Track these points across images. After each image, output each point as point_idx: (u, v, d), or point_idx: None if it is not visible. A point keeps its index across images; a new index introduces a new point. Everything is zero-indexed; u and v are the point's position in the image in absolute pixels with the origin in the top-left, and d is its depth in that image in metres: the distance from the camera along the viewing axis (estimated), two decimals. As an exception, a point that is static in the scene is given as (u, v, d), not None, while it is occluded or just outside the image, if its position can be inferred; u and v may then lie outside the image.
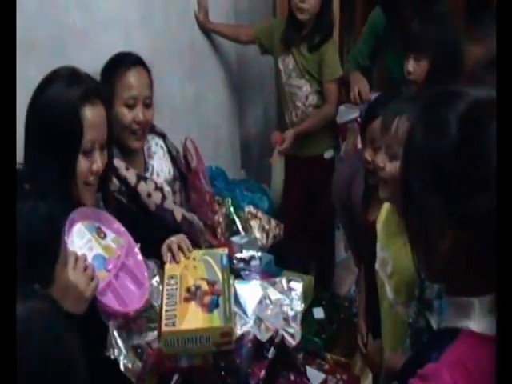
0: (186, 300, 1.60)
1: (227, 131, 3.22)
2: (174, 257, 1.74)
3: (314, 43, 2.77)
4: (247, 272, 2.04)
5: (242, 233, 2.26)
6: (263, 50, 3.00)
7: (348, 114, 2.97)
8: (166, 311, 1.57)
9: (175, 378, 1.58)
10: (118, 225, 1.63)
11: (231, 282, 1.71)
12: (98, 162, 1.54)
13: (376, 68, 2.94)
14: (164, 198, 2.03)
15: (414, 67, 2.26)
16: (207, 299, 1.60)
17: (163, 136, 2.21)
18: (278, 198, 2.92)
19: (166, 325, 1.52)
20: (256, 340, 1.59)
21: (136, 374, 1.48)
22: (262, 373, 1.52)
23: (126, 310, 1.51)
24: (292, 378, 1.64)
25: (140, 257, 1.64)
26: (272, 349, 1.55)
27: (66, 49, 2.06)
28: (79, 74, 1.56)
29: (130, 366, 1.48)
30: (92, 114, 1.51)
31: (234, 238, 2.18)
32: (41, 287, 1.14)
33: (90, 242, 1.51)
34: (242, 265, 2.04)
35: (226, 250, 1.81)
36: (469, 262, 0.89)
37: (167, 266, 1.72)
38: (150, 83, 2.04)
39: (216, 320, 1.54)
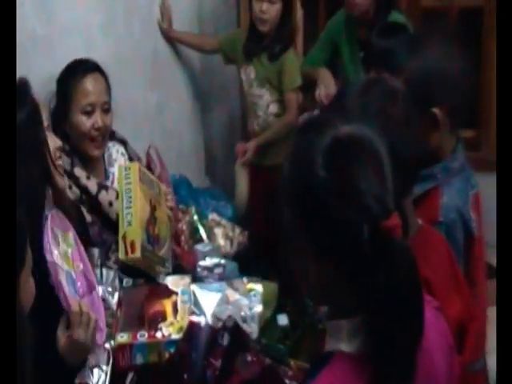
0: None
1: (191, 139, 3.22)
2: None
3: (274, 53, 2.80)
4: (211, 280, 2.04)
5: (206, 241, 2.26)
6: (227, 59, 3.01)
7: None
8: None
9: (130, 376, 1.58)
10: (62, 218, 1.61)
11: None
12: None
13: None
14: None
15: None
16: None
17: (124, 143, 2.20)
18: (243, 206, 2.93)
19: None
20: (210, 331, 1.60)
21: None
22: (218, 362, 1.51)
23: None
24: (249, 358, 1.63)
25: (84, 254, 1.65)
26: (226, 335, 1.55)
27: (26, 56, 2.03)
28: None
29: None
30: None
31: (198, 246, 2.17)
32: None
33: (59, 256, 1.50)
34: (205, 273, 2.04)
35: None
36: (335, 285, 0.91)
37: None
38: (108, 88, 2.04)
39: None
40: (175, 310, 1.67)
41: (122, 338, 1.58)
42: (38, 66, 2.01)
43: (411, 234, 1.16)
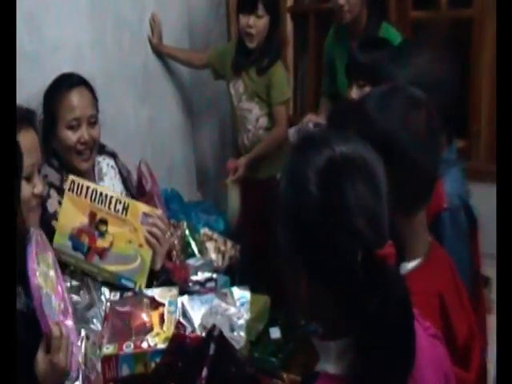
0: None
1: (182, 153, 3.22)
2: None
3: (261, 66, 2.80)
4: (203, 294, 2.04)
5: (198, 255, 2.25)
6: (216, 75, 3.02)
7: (296, 136, 3.01)
8: None
9: None
10: (41, 240, 1.58)
11: None
12: (38, 185, 1.56)
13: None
14: None
15: (357, 94, 2.25)
16: None
17: (114, 156, 2.20)
18: (234, 220, 2.92)
19: None
20: (196, 340, 1.59)
21: None
22: (204, 371, 1.50)
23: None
24: (233, 369, 1.62)
25: (59, 271, 1.63)
26: (212, 344, 1.54)
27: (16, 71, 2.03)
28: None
29: None
30: (27, 139, 1.52)
31: (190, 261, 2.17)
32: None
33: (39, 278, 1.46)
34: (197, 287, 2.03)
35: None
36: (325, 306, 0.91)
37: None
38: (94, 101, 2.04)
39: None
40: (162, 321, 1.66)
41: (108, 349, 1.57)
42: (26, 82, 2.01)
43: (424, 250, 1.16)
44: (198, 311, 1.79)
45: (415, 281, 1.07)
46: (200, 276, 2.07)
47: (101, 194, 1.84)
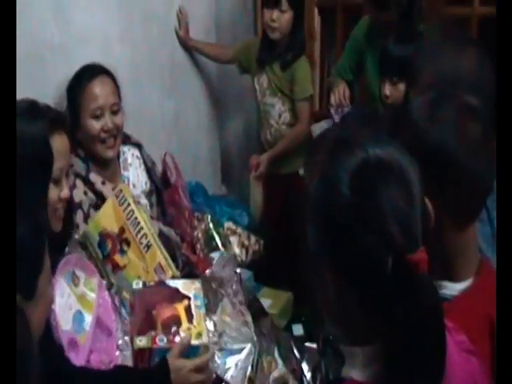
0: None
1: (207, 147, 3.22)
2: None
3: (285, 61, 2.78)
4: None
5: (222, 249, 2.25)
6: (242, 69, 3.01)
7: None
8: None
9: None
10: (88, 264, 1.66)
11: None
12: (65, 189, 1.57)
13: (360, 83, 2.95)
14: None
15: (390, 91, 2.22)
16: None
17: (139, 146, 2.21)
18: (258, 215, 2.91)
19: None
20: None
21: None
22: None
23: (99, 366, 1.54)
24: None
25: (109, 300, 1.67)
26: None
27: (44, 64, 2.04)
28: (40, 105, 1.58)
29: None
30: (59, 142, 1.54)
31: (213, 254, 2.17)
32: (23, 298, 1.13)
33: (69, 299, 1.53)
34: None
35: None
36: (352, 310, 0.89)
37: None
38: (116, 90, 2.05)
39: None
40: (189, 315, 1.65)
41: (141, 342, 1.55)
42: (56, 74, 2.03)
43: (475, 269, 1.11)
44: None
45: (465, 304, 1.04)
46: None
47: (136, 218, 1.83)
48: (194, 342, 1.58)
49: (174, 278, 1.78)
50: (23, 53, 1.95)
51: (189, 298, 1.70)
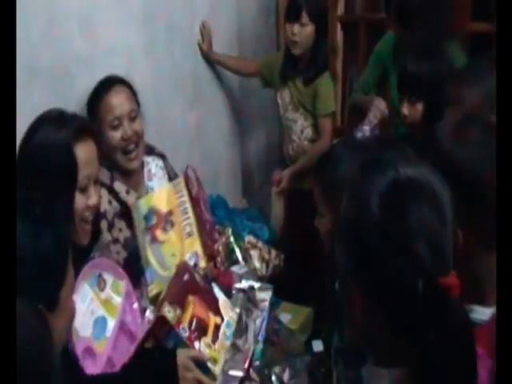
0: None
1: (229, 160, 3.22)
2: None
3: (308, 77, 2.78)
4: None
5: (242, 262, 2.23)
6: (265, 83, 3.01)
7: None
8: None
9: None
10: (117, 267, 1.64)
11: None
12: (93, 197, 1.57)
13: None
14: None
15: (409, 110, 2.14)
16: None
17: (163, 157, 2.22)
18: (279, 229, 2.90)
19: None
20: None
21: None
22: None
23: (113, 370, 1.51)
24: None
25: (136, 305, 1.66)
26: None
27: (70, 75, 2.06)
28: (67, 114, 1.59)
29: None
30: (84, 151, 1.55)
31: (234, 268, 2.15)
32: (45, 310, 1.13)
33: (91, 304, 1.51)
34: (241, 295, 2.01)
35: None
36: (380, 331, 0.87)
37: None
38: (133, 96, 2.05)
39: None
40: (215, 335, 1.64)
41: (170, 313, 1.55)
42: (81, 85, 2.04)
43: None
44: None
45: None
46: (244, 284, 2.05)
47: (186, 208, 1.93)
48: (208, 363, 1.57)
49: (206, 275, 1.83)
50: (50, 64, 1.98)
51: (222, 319, 1.68)
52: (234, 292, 2.00)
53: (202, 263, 1.83)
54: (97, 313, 1.51)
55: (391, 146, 1.22)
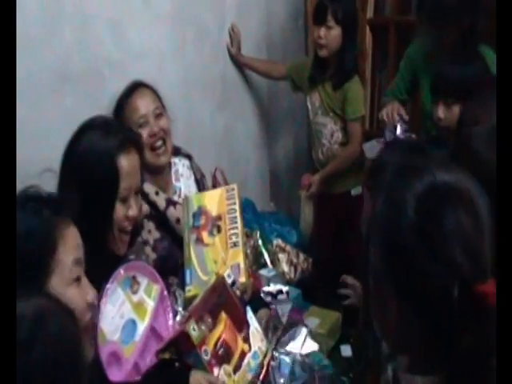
0: None
1: (257, 163, 3.22)
2: None
3: (337, 81, 2.76)
4: (274, 306, 2.01)
5: (270, 266, 2.23)
6: (294, 87, 3.00)
7: (373, 150, 2.94)
8: None
9: None
10: (152, 271, 1.62)
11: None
12: (133, 208, 1.57)
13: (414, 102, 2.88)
14: None
15: (444, 113, 2.12)
16: None
17: (189, 157, 2.24)
18: (307, 233, 2.89)
19: None
20: None
21: None
22: None
23: (138, 377, 1.49)
24: None
25: (170, 314, 1.63)
26: None
27: (101, 79, 2.09)
28: (113, 123, 1.60)
29: None
30: (128, 162, 1.55)
31: (262, 271, 2.16)
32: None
33: (122, 307, 1.49)
34: (269, 298, 2.01)
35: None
36: (414, 337, 0.86)
37: None
38: (156, 97, 2.07)
39: None
40: (239, 364, 1.61)
41: (194, 331, 1.49)
42: (112, 89, 2.06)
43: None
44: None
45: None
46: (272, 287, 2.05)
47: (235, 217, 1.89)
48: None
49: (245, 290, 1.78)
50: (82, 68, 2.00)
51: (250, 348, 1.66)
52: (262, 295, 2.00)
53: (242, 278, 1.77)
54: (126, 316, 1.49)
55: (427, 150, 1.21)
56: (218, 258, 1.83)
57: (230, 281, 1.73)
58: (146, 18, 2.30)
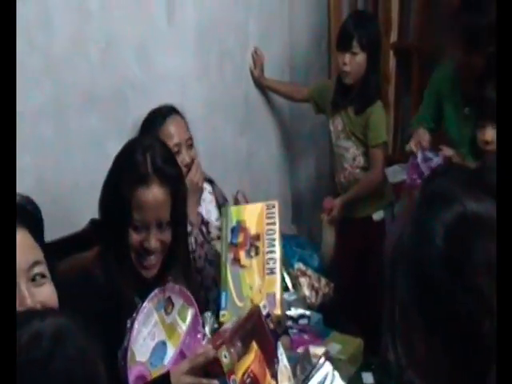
0: None
1: (278, 185, 3.21)
2: None
3: (360, 106, 2.74)
4: (295, 330, 1.99)
5: (292, 290, 2.21)
6: (317, 109, 2.99)
7: (396, 175, 2.92)
8: None
9: None
10: (188, 295, 1.60)
11: None
12: (151, 241, 1.53)
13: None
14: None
15: (493, 137, 2.08)
16: None
17: (211, 182, 2.24)
18: (329, 257, 2.87)
19: None
20: None
21: None
22: None
23: None
24: None
25: (200, 335, 1.60)
26: None
27: (126, 100, 2.11)
28: (138, 159, 1.55)
29: None
30: (144, 195, 1.51)
31: (284, 295, 2.13)
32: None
33: (154, 328, 1.47)
34: (290, 323, 1.99)
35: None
36: (444, 373, 0.82)
37: None
38: (187, 126, 2.09)
39: None
40: None
41: (225, 358, 1.43)
42: (136, 110, 2.08)
43: None
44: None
45: None
46: (293, 311, 2.03)
47: (274, 239, 1.81)
48: None
49: (278, 324, 1.72)
50: (107, 90, 2.02)
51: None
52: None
53: (278, 311, 1.71)
54: (158, 338, 1.47)
55: (457, 177, 1.18)
56: (253, 283, 1.77)
57: (265, 312, 1.66)
58: (170, 41, 2.32)
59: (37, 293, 1.07)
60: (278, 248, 1.80)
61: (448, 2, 2.83)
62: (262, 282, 1.76)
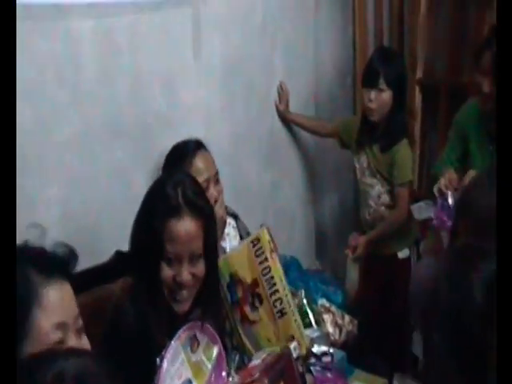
0: None
1: (302, 220, 3.20)
2: None
3: (385, 144, 2.71)
4: (318, 368, 1.94)
5: (315, 326, 2.17)
6: (342, 145, 2.98)
7: (422, 212, 2.88)
8: None
9: None
10: (213, 332, 1.58)
11: None
12: (182, 274, 1.53)
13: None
14: None
15: None
16: None
17: (235, 216, 2.24)
18: (353, 294, 2.83)
19: None
20: None
21: None
22: None
23: None
24: None
25: (224, 374, 1.58)
26: None
27: (151, 133, 2.13)
28: (170, 192, 1.56)
29: None
30: (177, 228, 1.51)
31: (307, 332, 2.09)
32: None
33: (181, 366, 1.46)
34: (313, 360, 1.94)
35: None
36: None
37: None
38: (213, 160, 2.11)
39: None
40: None
41: None
42: (161, 143, 2.09)
43: None
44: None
45: None
46: (316, 348, 1.98)
47: (272, 277, 1.74)
48: None
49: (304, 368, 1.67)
50: (133, 123, 2.04)
51: None
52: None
53: (303, 350, 1.68)
54: (184, 377, 1.45)
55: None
56: (270, 334, 1.73)
57: (295, 354, 1.64)
58: (196, 75, 2.35)
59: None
60: (279, 285, 1.75)
61: (475, 38, 2.83)
62: (276, 327, 1.73)
